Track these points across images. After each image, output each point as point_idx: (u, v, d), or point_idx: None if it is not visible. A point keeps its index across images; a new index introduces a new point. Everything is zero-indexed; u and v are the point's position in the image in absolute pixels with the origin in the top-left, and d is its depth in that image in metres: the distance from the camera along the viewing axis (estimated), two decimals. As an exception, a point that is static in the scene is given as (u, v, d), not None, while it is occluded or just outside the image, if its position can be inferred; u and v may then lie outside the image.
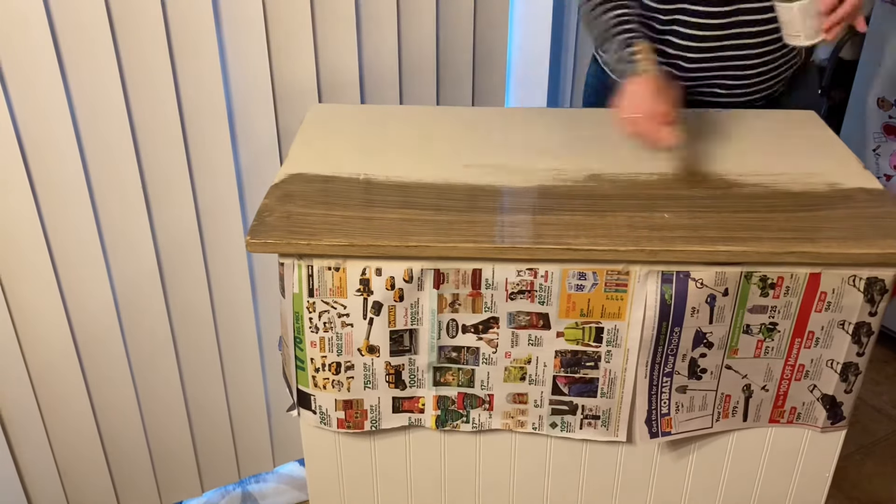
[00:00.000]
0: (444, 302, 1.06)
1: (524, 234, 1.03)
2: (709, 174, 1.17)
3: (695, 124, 1.31)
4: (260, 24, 1.40)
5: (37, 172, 1.31)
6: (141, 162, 1.39)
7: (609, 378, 1.10)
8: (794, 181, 1.15)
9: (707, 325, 1.06)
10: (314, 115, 1.35)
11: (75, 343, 1.47)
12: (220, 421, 1.71)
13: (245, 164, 1.50)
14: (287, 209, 1.07)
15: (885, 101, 2.05)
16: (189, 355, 1.61)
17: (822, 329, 1.07)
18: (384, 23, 1.53)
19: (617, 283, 1.04)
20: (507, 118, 1.36)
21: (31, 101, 1.26)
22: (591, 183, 1.14)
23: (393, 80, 1.58)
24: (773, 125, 1.32)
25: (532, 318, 1.06)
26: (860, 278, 1.03)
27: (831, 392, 1.12)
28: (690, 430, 1.14)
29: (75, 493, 1.60)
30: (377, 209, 1.07)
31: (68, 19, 1.24)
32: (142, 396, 1.59)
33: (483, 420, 1.15)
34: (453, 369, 1.11)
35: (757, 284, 1.04)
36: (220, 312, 1.60)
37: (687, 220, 1.06)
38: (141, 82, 1.34)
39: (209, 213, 1.50)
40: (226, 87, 1.42)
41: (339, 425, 1.14)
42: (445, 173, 1.16)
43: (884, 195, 1.11)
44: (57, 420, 1.52)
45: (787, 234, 1.03)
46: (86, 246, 1.40)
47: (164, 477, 1.71)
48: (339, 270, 1.03)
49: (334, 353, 1.09)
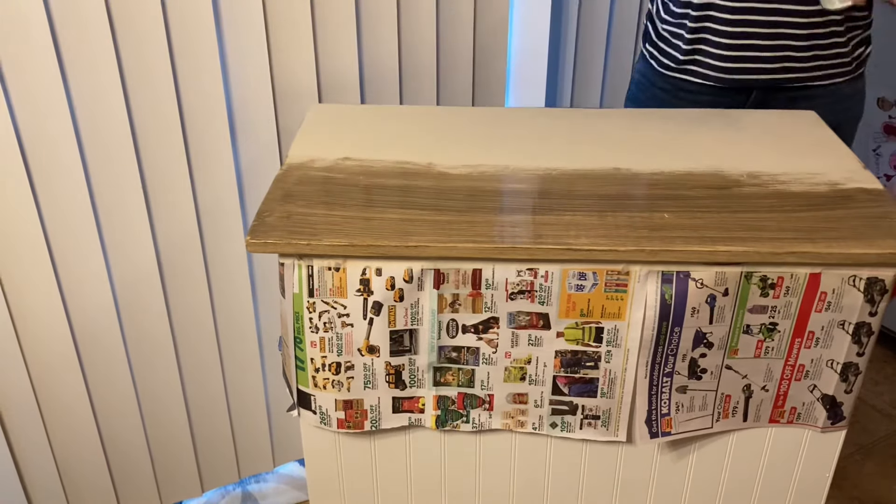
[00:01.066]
0: (444, 302, 1.06)
1: (524, 234, 1.03)
2: (709, 173, 1.17)
3: (695, 124, 1.31)
4: (260, 24, 1.40)
5: (37, 172, 1.31)
6: (141, 162, 1.39)
7: (609, 378, 1.10)
8: (794, 181, 1.15)
9: (707, 326, 1.06)
10: (314, 115, 1.35)
11: (75, 343, 1.47)
12: (220, 421, 1.71)
13: (245, 164, 1.50)
14: (287, 209, 1.07)
15: (885, 101, 2.05)
16: (189, 355, 1.61)
17: (822, 329, 1.07)
18: (384, 23, 1.53)
19: (617, 283, 1.04)
20: (508, 118, 1.36)
21: (31, 100, 1.26)
22: (592, 183, 1.14)
23: (393, 80, 1.58)
24: (774, 125, 1.32)
25: (532, 318, 1.06)
26: (860, 278, 1.03)
27: (831, 392, 1.12)
28: (690, 430, 1.14)
29: (75, 493, 1.60)
30: (377, 209, 1.07)
31: (68, 19, 1.24)
32: (142, 396, 1.60)
33: (483, 420, 1.15)
34: (453, 369, 1.11)
35: (757, 284, 1.04)
36: (220, 312, 1.60)
37: (687, 220, 1.06)
38: (141, 82, 1.34)
39: (209, 213, 1.50)
40: (226, 87, 1.42)
41: (339, 425, 1.14)
42: (445, 173, 1.16)
43: (884, 195, 1.11)
44: (57, 420, 1.52)
45: (787, 234, 1.03)
46: (86, 246, 1.40)
47: (164, 477, 1.71)
48: (339, 270, 1.03)
49: (334, 353, 1.09)
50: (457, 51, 1.64)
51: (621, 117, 1.36)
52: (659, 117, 1.36)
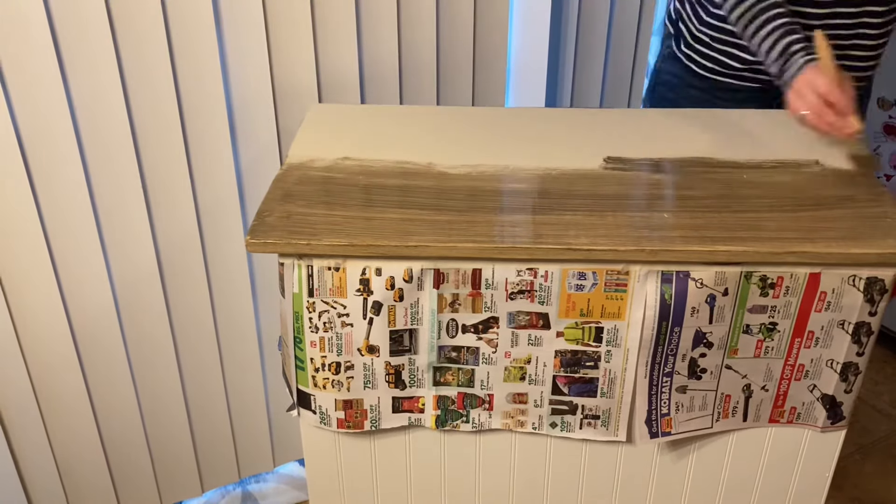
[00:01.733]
0: (443, 302, 1.06)
1: (524, 234, 1.03)
2: (710, 174, 1.17)
3: (693, 122, 1.31)
4: (260, 24, 1.40)
5: (37, 172, 1.31)
6: (141, 162, 1.39)
7: (609, 378, 1.10)
8: (794, 180, 1.15)
9: (707, 325, 1.06)
10: (314, 115, 1.35)
11: (75, 343, 1.47)
12: (220, 421, 1.71)
13: (245, 164, 1.50)
14: (287, 209, 1.07)
15: (885, 101, 2.05)
16: (189, 355, 1.61)
17: (822, 329, 1.07)
18: (384, 23, 1.53)
19: (617, 283, 1.04)
20: (508, 118, 1.36)
21: (31, 101, 1.26)
22: (592, 183, 1.14)
23: (393, 80, 1.58)
24: (774, 125, 1.32)
25: (532, 317, 1.06)
26: (860, 278, 1.03)
27: (831, 392, 1.12)
28: (690, 430, 1.14)
29: (75, 493, 1.60)
30: (377, 209, 1.07)
31: (68, 19, 1.24)
32: (142, 396, 1.59)
33: (483, 420, 1.15)
34: (453, 369, 1.11)
35: (757, 284, 1.04)
36: (220, 312, 1.60)
37: (687, 220, 1.06)
38: (141, 82, 1.34)
39: (209, 213, 1.50)
40: (226, 87, 1.42)
41: (339, 425, 1.14)
42: (445, 173, 1.16)
43: (884, 195, 1.11)
44: (57, 420, 1.52)
45: (787, 234, 1.03)
46: (86, 246, 1.40)
47: (164, 477, 1.71)
48: (339, 270, 1.03)
49: (334, 353, 1.09)
50: (457, 51, 1.64)
51: (621, 117, 1.36)
52: (656, 115, 1.36)
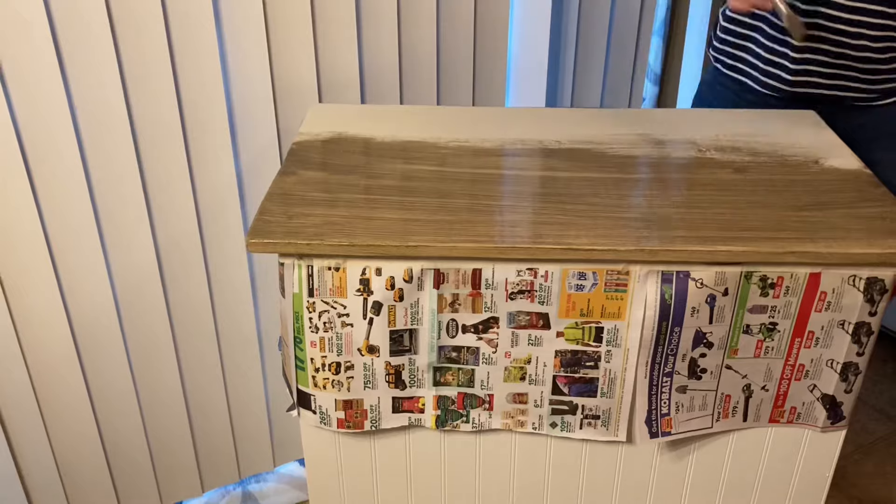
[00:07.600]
0: (444, 302, 1.06)
1: (524, 234, 1.03)
2: (709, 172, 1.17)
3: (695, 124, 1.31)
4: (260, 24, 1.40)
5: (37, 172, 1.31)
6: (141, 162, 1.39)
7: (609, 378, 1.10)
8: (794, 181, 1.15)
9: (707, 325, 1.06)
10: (314, 115, 1.35)
11: (75, 343, 1.47)
12: (220, 421, 1.71)
13: (245, 164, 1.50)
14: (287, 209, 1.07)
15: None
16: (189, 355, 1.61)
17: (822, 329, 1.07)
18: (384, 23, 1.53)
19: (617, 283, 1.04)
20: (508, 118, 1.36)
21: (31, 101, 1.26)
22: (592, 182, 1.14)
23: (393, 80, 1.58)
24: (774, 125, 1.32)
25: (532, 317, 1.06)
26: (860, 278, 1.03)
27: (831, 392, 1.12)
28: (690, 430, 1.14)
29: (75, 493, 1.61)
30: (377, 209, 1.07)
31: (68, 19, 1.24)
32: (142, 396, 1.60)
33: (483, 420, 1.15)
34: (453, 369, 1.11)
35: (757, 284, 1.04)
36: (220, 312, 1.60)
37: (687, 220, 1.06)
38: (141, 82, 1.34)
39: (209, 213, 1.50)
40: (226, 87, 1.42)
41: (339, 425, 1.14)
42: (446, 173, 1.16)
43: (884, 195, 1.11)
44: (57, 420, 1.52)
45: (787, 234, 1.03)
46: (86, 246, 1.40)
47: (164, 477, 1.71)
48: (339, 270, 1.03)
49: (334, 353, 1.09)
50: (457, 51, 1.64)
51: (622, 117, 1.36)
52: (655, 116, 1.36)
